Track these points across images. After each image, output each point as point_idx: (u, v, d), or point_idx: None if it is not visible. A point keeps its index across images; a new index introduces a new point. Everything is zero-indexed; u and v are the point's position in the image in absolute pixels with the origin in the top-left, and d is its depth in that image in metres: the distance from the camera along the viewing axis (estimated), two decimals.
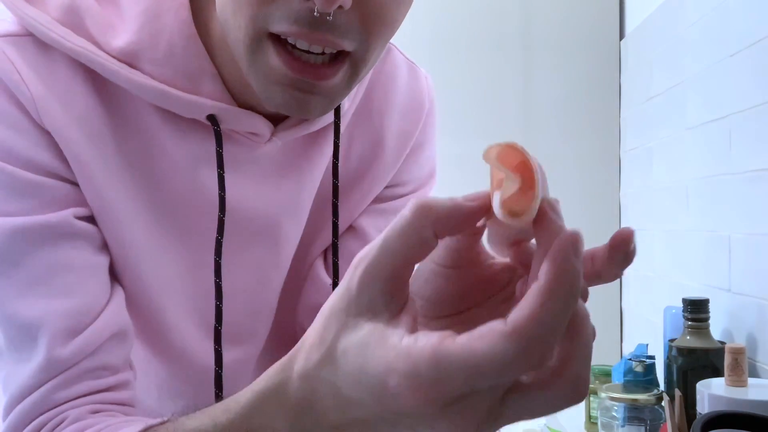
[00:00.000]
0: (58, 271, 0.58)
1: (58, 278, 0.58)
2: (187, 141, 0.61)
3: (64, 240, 0.58)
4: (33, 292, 0.57)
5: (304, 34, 0.51)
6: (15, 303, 0.57)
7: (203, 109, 0.59)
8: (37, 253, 0.57)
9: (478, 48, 1.89)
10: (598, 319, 1.66)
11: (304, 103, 0.55)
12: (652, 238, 1.62)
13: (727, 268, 1.22)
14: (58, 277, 0.58)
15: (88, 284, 0.59)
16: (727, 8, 1.22)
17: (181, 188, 0.62)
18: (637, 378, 1.25)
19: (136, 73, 0.57)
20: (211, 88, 0.59)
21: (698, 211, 1.35)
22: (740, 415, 0.83)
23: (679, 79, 1.44)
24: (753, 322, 1.14)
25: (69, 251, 0.58)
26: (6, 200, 0.57)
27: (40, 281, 0.57)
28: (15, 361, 0.57)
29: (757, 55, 1.12)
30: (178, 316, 0.66)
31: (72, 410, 0.57)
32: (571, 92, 1.88)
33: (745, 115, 1.16)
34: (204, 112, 0.59)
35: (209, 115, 0.59)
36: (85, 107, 0.59)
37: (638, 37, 1.73)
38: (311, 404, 0.39)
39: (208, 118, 0.59)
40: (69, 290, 0.58)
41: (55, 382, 0.57)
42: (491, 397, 0.34)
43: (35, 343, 0.57)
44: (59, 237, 0.58)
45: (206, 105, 0.58)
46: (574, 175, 1.88)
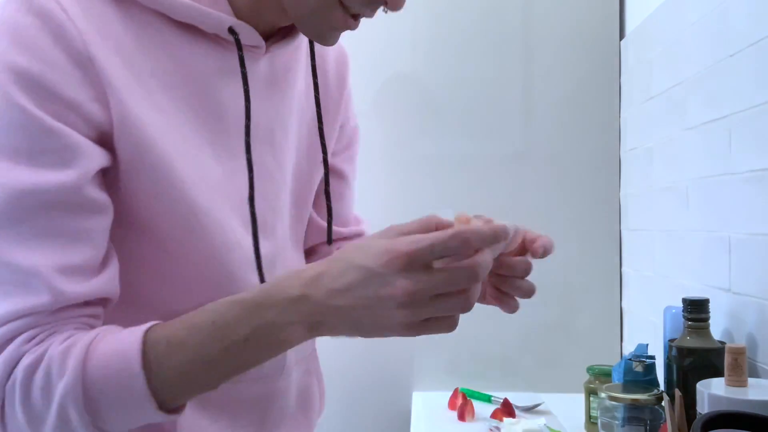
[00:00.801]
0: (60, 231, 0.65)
1: (61, 238, 0.65)
2: (208, 56, 0.73)
3: (74, 206, 0.65)
4: (33, 245, 0.64)
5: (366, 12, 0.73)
6: (10, 248, 0.63)
7: (224, 22, 0.72)
8: (42, 211, 0.64)
9: (478, 48, 1.89)
10: (598, 319, 1.67)
11: (335, 38, 0.76)
12: (652, 238, 1.62)
13: (727, 268, 1.22)
14: (60, 237, 0.65)
15: (88, 246, 0.66)
16: (727, 8, 1.22)
17: (208, 98, 0.74)
18: (637, 378, 1.25)
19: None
20: (225, 8, 0.73)
21: (698, 211, 1.35)
22: (740, 415, 0.83)
23: (679, 79, 1.44)
24: (753, 322, 1.14)
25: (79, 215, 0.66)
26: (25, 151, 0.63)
27: (41, 237, 0.64)
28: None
29: (757, 55, 1.12)
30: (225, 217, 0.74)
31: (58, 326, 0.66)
32: (571, 92, 1.88)
33: (745, 115, 1.16)
34: (225, 25, 0.72)
35: (229, 27, 0.72)
36: (119, 35, 0.67)
37: (638, 37, 1.73)
38: (321, 274, 0.61)
39: (229, 30, 0.72)
40: (69, 248, 0.65)
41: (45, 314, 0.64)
42: (430, 287, 0.59)
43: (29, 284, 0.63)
44: (70, 203, 0.65)
45: (226, 19, 0.72)
46: (574, 175, 1.88)
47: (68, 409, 0.62)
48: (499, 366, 1.89)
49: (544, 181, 1.88)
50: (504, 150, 1.89)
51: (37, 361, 0.63)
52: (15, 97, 0.63)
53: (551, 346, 1.87)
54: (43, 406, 0.63)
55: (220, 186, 0.74)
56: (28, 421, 0.64)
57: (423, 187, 1.90)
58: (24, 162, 0.63)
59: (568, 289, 1.87)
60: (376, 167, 1.90)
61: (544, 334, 1.87)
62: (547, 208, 1.88)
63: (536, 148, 1.89)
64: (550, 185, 1.88)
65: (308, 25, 0.74)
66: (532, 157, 1.89)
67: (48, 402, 0.63)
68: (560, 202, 1.88)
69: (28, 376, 0.63)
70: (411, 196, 1.90)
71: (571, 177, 1.88)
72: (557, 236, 2.10)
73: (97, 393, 0.63)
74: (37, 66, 0.63)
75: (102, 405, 0.63)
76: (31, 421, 0.64)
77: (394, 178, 1.90)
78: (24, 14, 0.63)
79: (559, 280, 1.87)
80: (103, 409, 0.63)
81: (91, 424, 0.63)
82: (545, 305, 1.87)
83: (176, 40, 0.71)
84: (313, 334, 0.64)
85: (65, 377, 0.62)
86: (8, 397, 0.64)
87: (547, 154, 1.89)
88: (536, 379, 1.85)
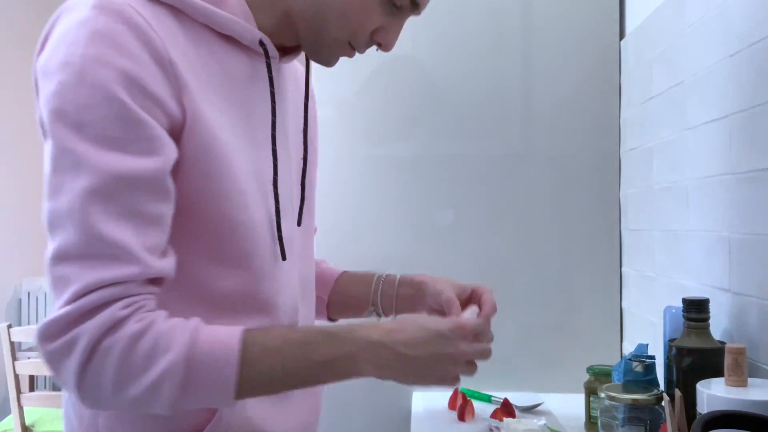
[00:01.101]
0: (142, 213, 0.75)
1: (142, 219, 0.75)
2: (242, 63, 0.88)
3: (155, 191, 0.76)
4: (122, 222, 0.74)
5: (364, 50, 0.94)
6: (107, 224, 0.73)
7: (256, 36, 0.87)
8: (130, 193, 0.75)
9: (478, 48, 1.89)
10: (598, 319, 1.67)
11: (334, 62, 0.94)
12: (652, 238, 1.62)
13: (727, 268, 1.22)
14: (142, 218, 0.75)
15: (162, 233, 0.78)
16: (727, 8, 1.22)
17: (244, 98, 0.87)
18: (637, 378, 1.25)
19: (219, 12, 0.84)
20: (254, 25, 0.88)
21: (698, 211, 1.35)
22: (740, 415, 0.83)
23: (679, 79, 1.44)
24: (753, 322, 1.14)
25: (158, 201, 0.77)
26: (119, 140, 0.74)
27: (128, 216, 0.75)
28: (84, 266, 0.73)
29: (757, 55, 1.12)
30: (255, 199, 0.86)
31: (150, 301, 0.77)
32: (571, 92, 1.88)
33: (745, 115, 1.16)
34: (257, 38, 0.87)
35: (260, 40, 0.87)
36: (182, 43, 0.81)
37: (638, 37, 1.73)
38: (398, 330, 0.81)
39: (260, 42, 0.87)
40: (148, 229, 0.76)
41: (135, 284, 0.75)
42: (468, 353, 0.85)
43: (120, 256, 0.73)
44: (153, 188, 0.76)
45: (258, 33, 0.87)
46: (574, 175, 1.88)
47: (164, 382, 0.73)
48: (499, 366, 1.88)
49: (544, 181, 1.88)
50: (504, 150, 1.89)
51: (143, 330, 0.74)
52: (116, 92, 0.74)
53: (551, 346, 1.87)
54: (140, 372, 0.73)
55: (252, 172, 0.86)
56: (117, 380, 0.73)
57: (423, 187, 1.90)
58: (118, 149, 0.74)
59: (568, 289, 1.87)
60: (377, 167, 1.90)
61: (544, 334, 1.87)
62: (547, 208, 1.88)
63: (536, 148, 1.89)
64: (550, 185, 1.88)
65: (319, 54, 0.93)
66: (532, 157, 1.89)
67: (146, 370, 0.73)
68: (560, 202, 1.88)
69: (133, 342, 0.73)
70: (411, 196, 1.90)
71: (571, 177, 1.88)
72: (557, 236, 2.10)
73: (194, 374, 0.74)
74: (131, 66, 0.75)
75: (193, 385, 0.74)
76: (120, 382, 0.73)
77: (394, 178, 1.90)
78: (115, 23, 0.75)
79: (559, 280, 1.87)
80: (192, 389, 0.74)
81: (177, 400, 0.74)
82: (545, 305, 1.87)
83: (220, 49, 0.85)
84: (380, 373, 0.81)
85: (170, 353, 0.74)
86: (100, 354, 0.73)
87: (547, 154, 1.89)
88: (536, 379, 1.85)
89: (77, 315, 0.72)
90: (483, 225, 1.89)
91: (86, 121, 0.74)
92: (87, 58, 0.74)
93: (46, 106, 0.75)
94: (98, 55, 0.74)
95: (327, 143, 1.92)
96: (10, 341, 2.92)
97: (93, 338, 0.72)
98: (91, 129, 0.74)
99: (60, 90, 0.74)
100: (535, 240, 1.88)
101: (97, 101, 0.74)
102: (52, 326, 0.73)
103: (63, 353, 0.73)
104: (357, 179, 1.91)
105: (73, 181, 0.74)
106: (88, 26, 0.75)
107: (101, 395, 0.74)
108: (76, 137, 0.74)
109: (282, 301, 0.91)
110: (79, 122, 0.74)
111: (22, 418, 2.92)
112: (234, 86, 0.86)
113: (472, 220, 1.89)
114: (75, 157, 0.74)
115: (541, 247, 1.88)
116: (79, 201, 0.73)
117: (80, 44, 0.74)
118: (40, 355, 0.75)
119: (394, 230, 1.90)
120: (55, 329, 0.73)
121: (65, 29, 0.76)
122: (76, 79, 0.74)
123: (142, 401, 0.74)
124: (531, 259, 1.88)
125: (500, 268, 1.89)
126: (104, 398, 0.74)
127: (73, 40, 0.75)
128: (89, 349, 0.73)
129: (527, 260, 1.88)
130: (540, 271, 1.88)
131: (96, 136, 0.74)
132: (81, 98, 0.74)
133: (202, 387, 0.75)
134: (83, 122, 0.74)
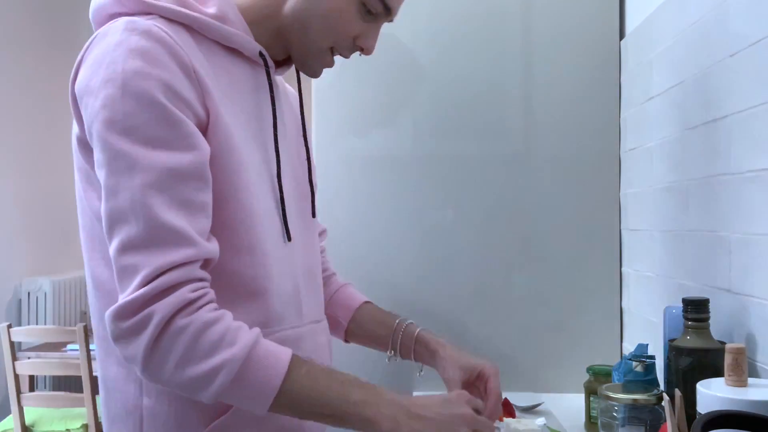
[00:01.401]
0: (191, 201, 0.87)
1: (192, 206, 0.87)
2: (246, 72, 1.01)
3: (200, 181, 0.88)
4: (176, 210, 0.85)
5: (348, 55, 1.05)
6: (166, 213, 0.84)
7: (256, 48, 1.00)
8: (180, 185, 0.86)
9: (478, 48, 1.89)
10: (598, 319, 1.67)
11: (321, 73, 1.07)
12: (652, 238, 1.62)
13: (727, 268, 1.22)
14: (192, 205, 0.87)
15: (206, 219, 0.89)
16: (727, 8, 1.22)
17: (249, 103, 1.00)
18: (637, 378, 1.25)
19: (225, 28, 0.97)
20: (252, 39, 1.01)
21: (698, 210, 1.35)
22: (740, 415, 0.83)
23: (679, 79, 1.44)
24: (753, 322, 1.14)
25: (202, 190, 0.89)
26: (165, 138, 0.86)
27: (181, 205, 0.86)
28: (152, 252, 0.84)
29: (757, 55, 1.12)
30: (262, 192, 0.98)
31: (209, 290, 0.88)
32: (571, 92, 1.88)
33: (745, 115, 1.16)
34: (257, 50, 1.01)
35: (260, 51, 1.01)
36: (199, 55, 0.93)
37: (638, 37, 1.73)
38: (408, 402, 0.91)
39: (260, 54, 1.01)
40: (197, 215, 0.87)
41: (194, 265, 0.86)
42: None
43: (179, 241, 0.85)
44: (198, 178, 0.88)
45: (257, 46, 1.01)
46: (574, 175, 1.88)
47: (220, 372, 0.83)
48: (499, 366, 1.88)
49: (544, 181, 1.88)
50: (504, 150, 1.89)
51: (215, 320, 0.85)
52: (158, 98, 0.86)
53: (551, 346, 1.87)
54: (205, 356, 0.84)
55: (260, 168, 0.98)
56: (182, 359, 0.83)
57: (423, 187, 1.90)
58: (165, 147, 0.86)
59: (568, 289, 1.87)
60: (377, 167, 1.90)
61: (544, 334, 1.87)
62: (547, 208, 1.88)
63: (536, 148, 1.89)
64: (550, 185, 1.88)
65: (305, 64, 1.05)
66: (532, 157, 1.89)
67: (210, 357, 0.84)
68: (560, 202, 1.88)
69: (205, 328, 0.84)
70: (411, 196, 1.90)
71: (571, 177, 1.88)
72: (557, 236, 2.10)
73: (246, 373, 0.84)
74: (166, 75, 0.87)
75: (243, 382, 0.84)
76: (185, 361, 0.84)
77: (394, 178, 1.90)
78: (147, 41, 0.87)
79: (559, 280, 1.87)
80: (241, 385, 0.84)
81: (224, 391, 0.84)
82: (545, 305, 1.87)
83: (227, 61, 0.98)
84: (393, 426, 0.88)
85: (234, 348, 0.84)
86: (172, 331, 0.83)
87: (547, 154, 1.89)
88: (536, 379, 1.85)
89: (151, 296, 0.83)
90: (483, 225, 1.89)
91: (134, 126, 0.85)
92: (127, 72, 0.86)
93: (95, 120, 0.87)
94: (137, 69, 0.86)
95: (328, 143, 1.93)
96: (10, 341, 2.92)
97: (166, 316, 0.83)
98: (140, 132, 0.85)
99: (107, 103, 0.86)
100: (535, 240, 1.88)
101: (142, 108, 0.85)
102: (127, 307, 0.83)
103: (136, 330, 0.83)
104: (357, 179, 1.91)
105: (130, 179, 0.84)
106: (124, 46, 0.87)
107: (164, 369, 0.84)
108: (128, 141, 0.85)
109: (283, 283, 1.00)
110: (128, 128, 0.85)
111: (22, 418, 2.92)
112: (241, 93, 0.98)
113: (472, 220, 1.89)
114: (129, 158, 0.85)
115: (541, 247, 1.88)
116: (140, 195, 0.84)
117: (119, 62, 0.86)
118: (110, 333, 0.85)
119: (394, 230, 1.90)
120: (130, 309, 0.83)
121: (101, 52, 0.88)
122: (120, 91, 0.85)
123: (196, 383, 0.84)
124: (531, 259, 1.88)
125: (500, 267, 1.89)
126: (166, 372, 0.84)
127: (111, 60, 0.87)
128: (162, 325, 0.83)
129: (527, 260, 1.88)
130: (540, 271, 1.88)
131: (145, 137, 0.85)
132: (128, 107, 0.85)
133: (249, 386, 0.85)
134: (132, 127, 0.85)
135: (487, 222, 1.89)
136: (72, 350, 3.30)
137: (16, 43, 3.94)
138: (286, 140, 1.07)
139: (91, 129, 0.88)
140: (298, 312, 1.04)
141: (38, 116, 4.06)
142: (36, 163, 4.04)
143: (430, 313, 1.86)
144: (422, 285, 1.89)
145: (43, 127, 4.10)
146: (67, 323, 4.05)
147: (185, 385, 0.85)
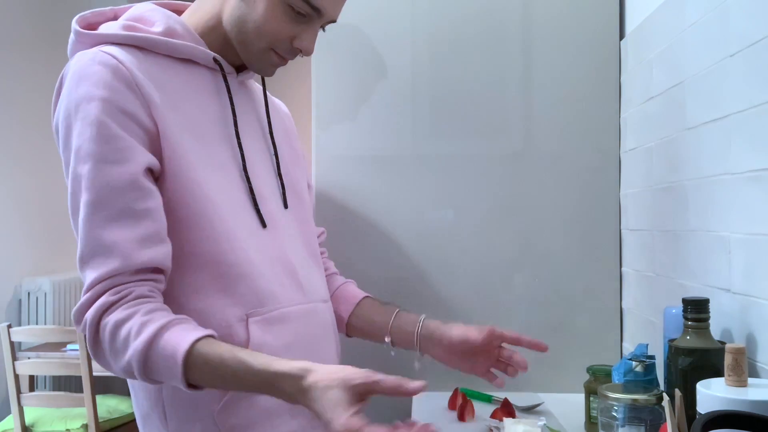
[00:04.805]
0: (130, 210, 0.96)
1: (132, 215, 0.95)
2: (204, 78, 1.10)
3: (137, 191, 0.96)
4: (117, 222, 0.95)
5: (290, 56, 1.10)
6: (104, 229, 0.94)
7: (209, 55, 1.09)
8: (119, 198, 0.95)
9: (477, 48, 1.89)
10: (598, 319, 1.67)
11: (272, 71, 1.13)
12: (652, 238, 1.62)
13: (727, 268, 1.22)
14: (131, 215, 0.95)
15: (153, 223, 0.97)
16: (727, 8, 1.22)
17: (212, 106, 1.09)
18: (637, 378, 1.25)
19: (173, 41, 1.06)
20: (206, 48, 1.10)
21: (698, 210, 1.35)
22: (740, 415, 0.83)
23: (679, 79, 1.44)
24: (753, 322, 1.14)
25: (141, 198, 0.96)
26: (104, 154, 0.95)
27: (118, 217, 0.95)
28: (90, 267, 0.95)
29: (757, 55, 1.12)
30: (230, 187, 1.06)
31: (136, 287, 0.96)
32: (571, 92, 1.88)
33: (745, 115, 1.16)
34: (210, 57, 1.09)
35: (214, 57, 1.09)
36: (151, 71, 1.02)
37: (638, 37, 1.73)
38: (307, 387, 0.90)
39: (214, 60, 1.09)
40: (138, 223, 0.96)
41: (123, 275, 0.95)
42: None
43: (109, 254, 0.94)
44: (135, 189, 0.96)
45: (210, 53, 1.09)
46: (574, 175, 1.88)
47: (132, 362, 0.93)
48: None
49: (544, 181, 1.88)
50: (504, 150, 1.89)
51: (125, 319, 0.94)
52: (100, 116, 0.96)
53: (551, 346, 1.86)
54: (121, 351, 0.94)
55: (227, 165, 1.07)
56: (111, 354, 0.95)
57: (423, 187, 1.90)
58: (104, 161, 0.95)
59: (568, 289, 1.87)
60: (376, 167, 1.90)
61: (544, 334, 1.87)
62: (547, 208, 1.88)
63: (536, 148, 1.89)
64: (550, 185, 1.88)
65: (253, 63, 1.11)
66: (532, 157, 1.89)
67: (124, 350, 0.94)
68: (560, 202, 1.88)
69: (117, 327, 0.94)
70: (411, 196, 1.90)
71: (571, 177, 1.88)
72: (557, 236, 2.11)
73: (152, 363, 0.93)
74: (107, 93, 0.97)
75: (153, 370, 0.94)
76: (113, 355, 0.95)
77: (394, 178, 1.90)
78: (91, 65, 0.98)
79: (559, 280, 1.87)
80: (154, 373, 0.94)
81: (145, 375, 0.94)
82: (545, 305, 1.87)
83: (184, 71, 1.08)
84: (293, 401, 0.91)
85: (137, 342, 0.92)
86: (101, 332, 0.95)
87: (547, 154, 1.89)
88: (536, 379, 1.85)
89: (85, 306, 0.96)
90: (483, 225, 1.89)
91: (80, 146, 0.96)
92: (78, 99, 0.97)
93: (60, 146, 1.00)
94: (83, 94, 0.97)
95: (328, 143, 1.93)
96: (10, 341, 2.92)
97: (94, 320, 0.95)
98: (83, 150, 0.96)
99: (65, 131, 0.98)
100: (534, 240, 1.88)
101: (87, 128, 0.96)
102: (75, 314, 0.97)
103: (84, 332, 0.96)
104: (357, 178, 1.91)
105: (81, 199, 0.96)
106: (76, 76, 0.98)
107: (106, 363, 0.97)
108: (76, 161, 0.96)
109: (267, 266, 1.07)
110: (77, 149, 0.96)
111: (22, 418, 2.92)
112: (202, 98, 1.08)
113: (472, 220, 1.89)
114: (78, 178, 0.96)
115: (540, 247, 1.88)
116: (85, 213, 0.95)
117: (72, 90, 0.98)
118: None
119: (393, 230, 1.90)
120: (76, 316, 0.96)
121: (65, 86, 1.00)
122: (73, 117, 0.97)
123: (127, 372, 0.95)
124: (531, 259, 1.88)
125: (500, 267, 1.89)
126: (108, 365, 0.97)
127: (67, 90, 0.99)
128: (92, 329, 0.95)
129: (527, 260, 1.88)
130: (540, 271, 1.88)
131: (86, 155, 0.96)
132: (77, 129, 0.97)
133: (159, 375, 0.94)
134: (79, 148, 0.96)
135: (487, 221, 1.89)
136: (72, 350, 3.30)
137: (16, 43, 3.94)
138: (252, 138, 1.14)
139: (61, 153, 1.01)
140: (300, 290, 1.11)
141: (38, 116, 4.06)
142: (36, 163, 4.04)
143: (430, 312, 1.86)
144: (422, 285, 1.89)
145: (43, 127, 4.10)
146: (67, 323, 4.04)
147: (124, 373, 0.96)
